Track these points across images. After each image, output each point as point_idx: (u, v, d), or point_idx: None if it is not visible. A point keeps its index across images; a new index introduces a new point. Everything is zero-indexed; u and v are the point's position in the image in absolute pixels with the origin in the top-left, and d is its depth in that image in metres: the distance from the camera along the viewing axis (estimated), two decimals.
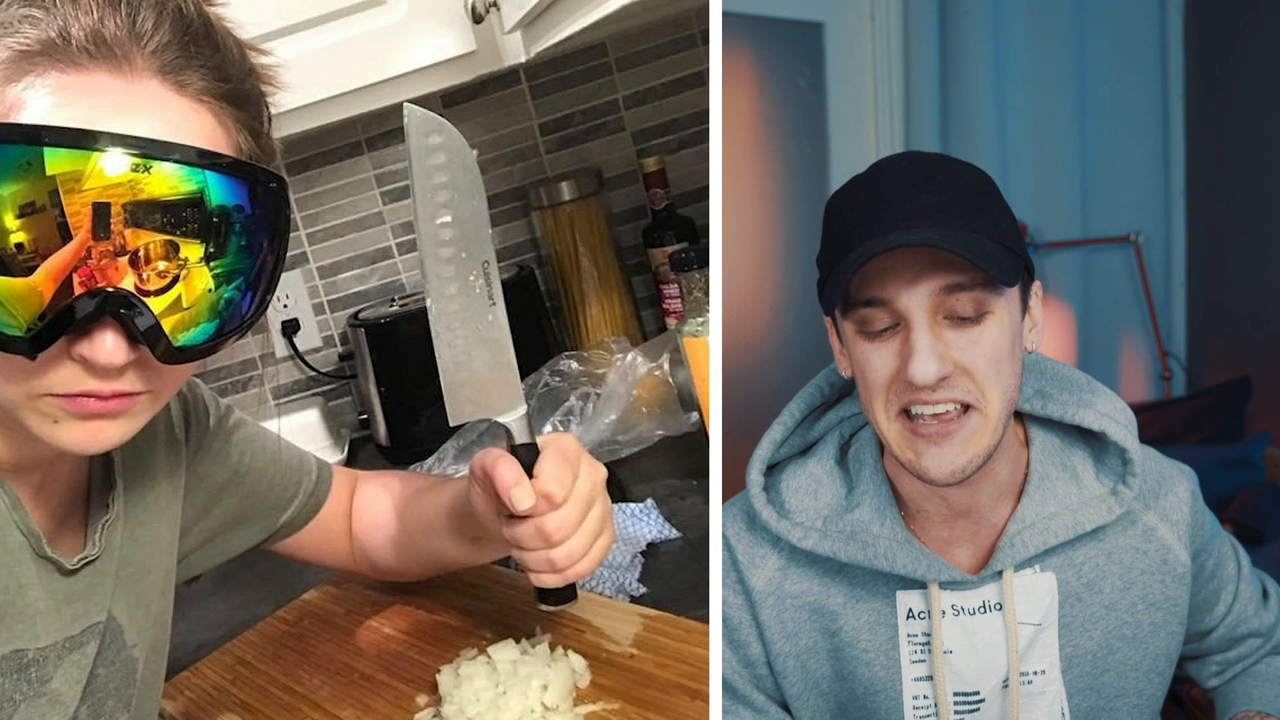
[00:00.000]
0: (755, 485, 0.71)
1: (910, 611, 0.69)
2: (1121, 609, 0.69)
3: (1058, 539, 0.67)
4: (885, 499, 0.69)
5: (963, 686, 0.69)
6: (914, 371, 0.60)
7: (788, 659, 0.72)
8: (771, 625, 0.71)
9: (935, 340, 0.60)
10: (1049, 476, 0.68)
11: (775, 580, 0.71)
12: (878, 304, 0.61)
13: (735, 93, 1.47)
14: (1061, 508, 0.67)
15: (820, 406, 0.74)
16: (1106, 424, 0.67)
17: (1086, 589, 0.69)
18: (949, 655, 0.68)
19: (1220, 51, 1.64)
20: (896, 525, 0.68)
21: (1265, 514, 1.26)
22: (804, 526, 0.69)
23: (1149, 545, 0.70)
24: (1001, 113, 1.64)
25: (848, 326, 0.64)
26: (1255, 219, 1.57)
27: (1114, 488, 0.68)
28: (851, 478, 0.71)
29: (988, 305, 0.61)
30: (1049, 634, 0.68)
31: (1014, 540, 0.67)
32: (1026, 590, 0.68)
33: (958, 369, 0.61)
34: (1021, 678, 0.69)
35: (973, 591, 0.68)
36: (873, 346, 0.62)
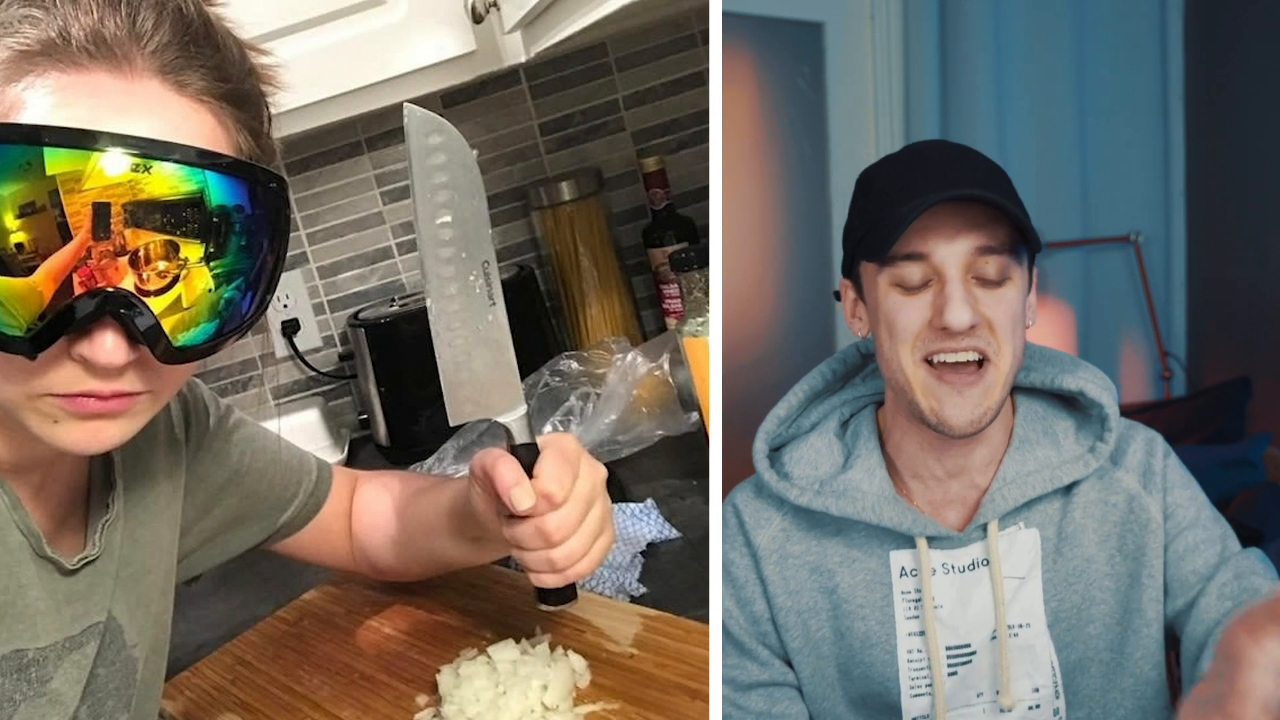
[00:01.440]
0: (760, 453, 0.76)
1: (903, 570, 0.73)
2: (1100, 561, 0.73)
3: (1035, 492, 0.71)
4: (876, 461, 0.74)
5: (954, 640, 0.72)
6: (950, 318, 0.66)
7: (789, 614, 0.75)
8: (774, 580, 0.75)
9: (968, 293, 0.67)
10: (1028, 440, 0.73)
11: (779, 540, 0.75)
12: (917, 258, 0.67)
13: (735, 93, 1.47)
14: (1041, 465, 0.72)
15: (824, 391, 0.79)
16: (1084, 384, 0.73)
17: (1065, 542, 0.72)
18: (939, 610, 0.72)
19: (1220, 51, 1.64)
20: (885, 485, 0.73)
21: (1265, 514, 1.26)
22: (800, 486, 0.74)
23: (1117, 497, 0.73)
24: (1001, 113, 1.64)
25: (882, 281, 0.69)
26: (1255, 219, 1.57)
27: (1092, 445, 0.73)
28: (848, 448, 0.76)
29: (1009, 271, 0.67)
30: (1031, 587, 0.72)
31: (994, 496, 0.72)
32: (1011, 545, 0.72)
33: (984, 321, 0.67)
34: (1009, 630, 0.72)
35: (961, 550, 0.72)
36: (906, 299, 0.68)
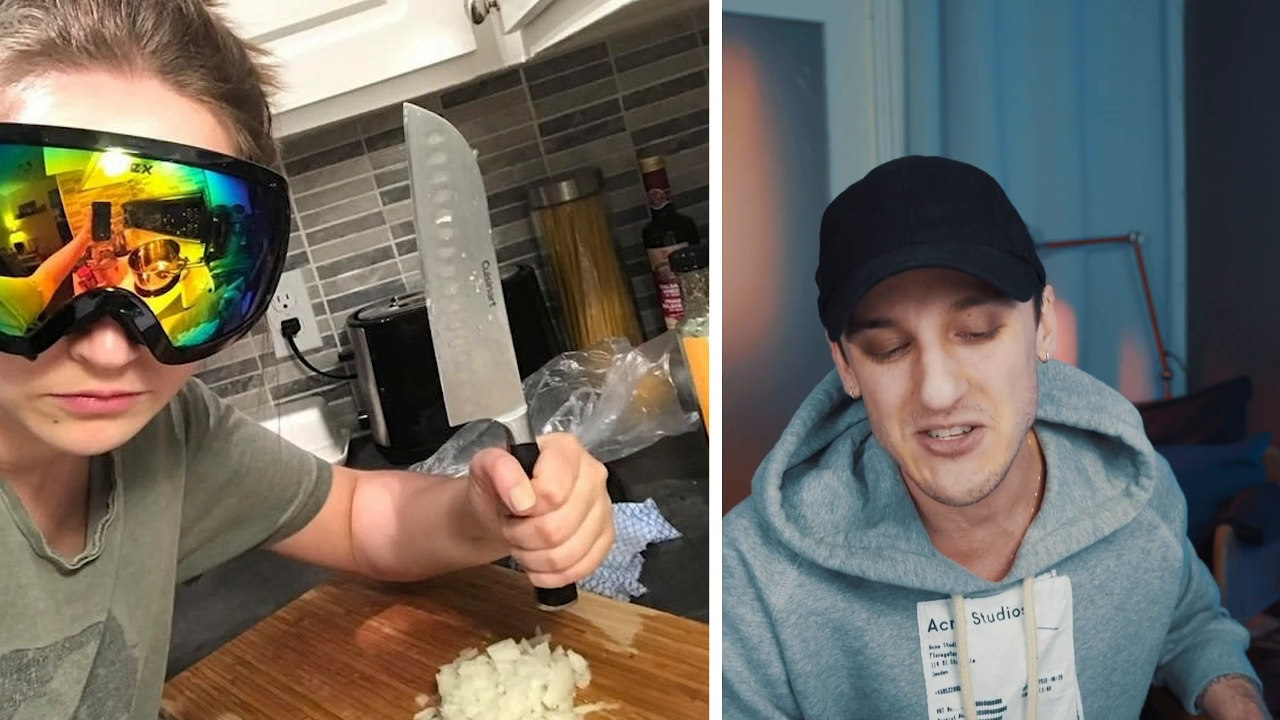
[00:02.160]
0: (773, 502, 0.68)
1: (932, 623, 0.67)
2: (1129, 608, 0.69)
3: (1079, 545, 0.66)
4: (909, 511, 0.67)
5: (985, 695, 0.68)
6: (929, 395, 0.57)
7: (809, 679, 0.70)
8: (793, 644, 0.69)
9: (948, 360, 0.58)
10: (1068, 481, 0.67)
11: (797, 598, 0.68)
12: (885, 325, 0.59)
13: (735, 93, 1.47)
14: (1080, 513, 0.67)
15: (829, 412, 0.72)
16: (1122, 428, 0.67)
17: (1098, 591, 0.68)
18: (972, 664, 0.67)
19: (1220, 51, 1.64)
20: (923, 539, 0.66)
21: (1265, 514, 1.26)
22: (828, 544, 0.67)
23: (1153, 544, 0.70)
24: (1001, 113, 1.64)
25: (854, 349, 0.61)
26: (1255, 219, 1.57)
27: (1127, 488, 0.67)
28: (869, 489, 0.69)
29: (1001, 318, 0.58)
30: (1065, 638, 0.68)
31: (1036, 548, 0.66)
32: (1045, 595, 0.67)
33: (972, 386, 0.58)
34: (1041, 684, 0.68)
35: (992, 598, 0.67)
36: (882, 369, 0.60)
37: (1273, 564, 1.24)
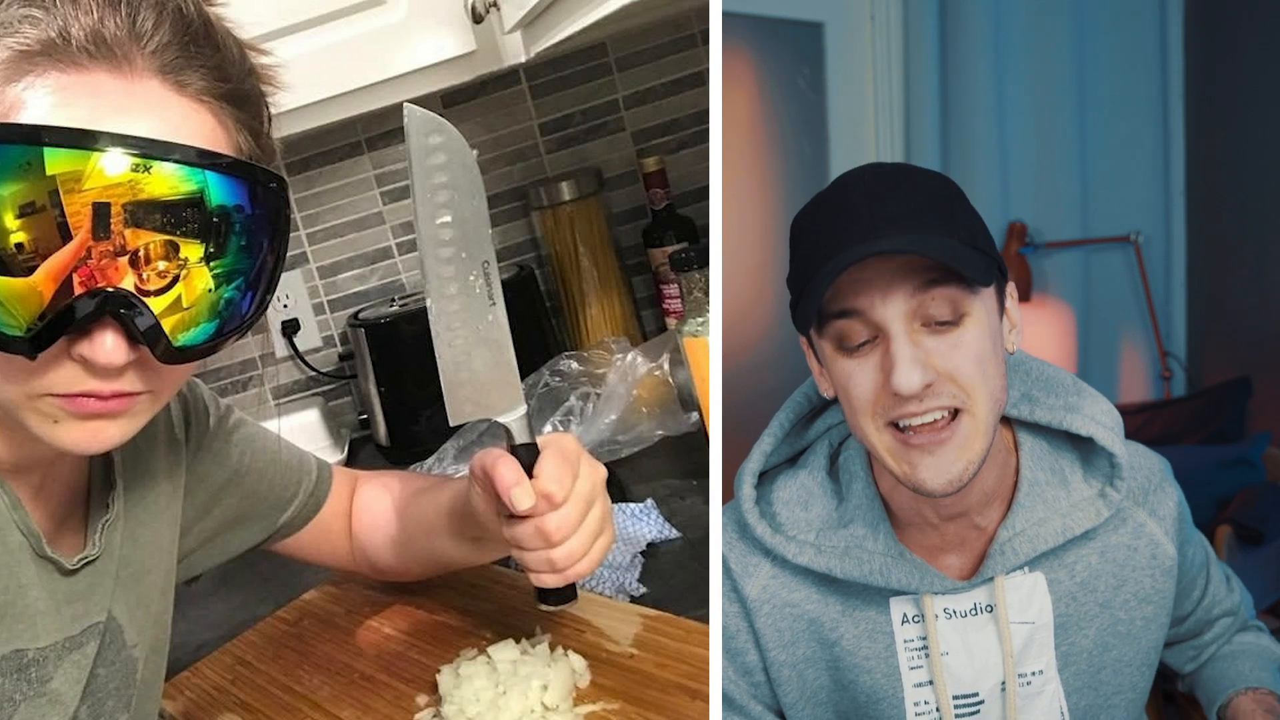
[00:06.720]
0: (748, 500, 0.71)
1: (905, 616, 0.69)
2: (1116, 606, 0.70)
3: (1047, 545, 0.67)
4: (878, 514, 0.69)
5: (961, 689, 0.69)
6: (898, 381, 0.59)
7: (784, 668, 0.71)
8: (768, 634, 0.71)
9: (915, 349, 0.60)
10: (1039, 482, 0.68)
11: (770, 589, 0.71)
12: (853, 315, 0.61)
13: (735, 93, 1.47)
14: (1051, 513, 0.68)
15: (808, 414, 0.74)
16: (1094, 429, 0.68)
17: (1080, 588, 0.69)
18: (945, 657, 0.68)
19: (1220, 51, 1.64)
20: (890, 540, 0.68)
21: (1265, 514, 1.26)
22: (798, 541, 0.69)
23: (1139, 542, 0.70)
24: (1001, 113, 1.64)
25: (825, 345, 0.63)
26: (1255, 219, 1.57)
27: (1102, 489, 0.68)
28: (842, 489, 0.71)
29: (964, 306, 0.60)
30: (1044, 634, 0.69)
31: (1004, 548, 0.67)
32: (1018, 590, 0.68)
33: (941, 375, 0.60)
34: (1020, 679, 0.69)
35: (964, 595, 0.68)
36: (853, 363, 0.62)
37: (1273, 564, 1.24)
